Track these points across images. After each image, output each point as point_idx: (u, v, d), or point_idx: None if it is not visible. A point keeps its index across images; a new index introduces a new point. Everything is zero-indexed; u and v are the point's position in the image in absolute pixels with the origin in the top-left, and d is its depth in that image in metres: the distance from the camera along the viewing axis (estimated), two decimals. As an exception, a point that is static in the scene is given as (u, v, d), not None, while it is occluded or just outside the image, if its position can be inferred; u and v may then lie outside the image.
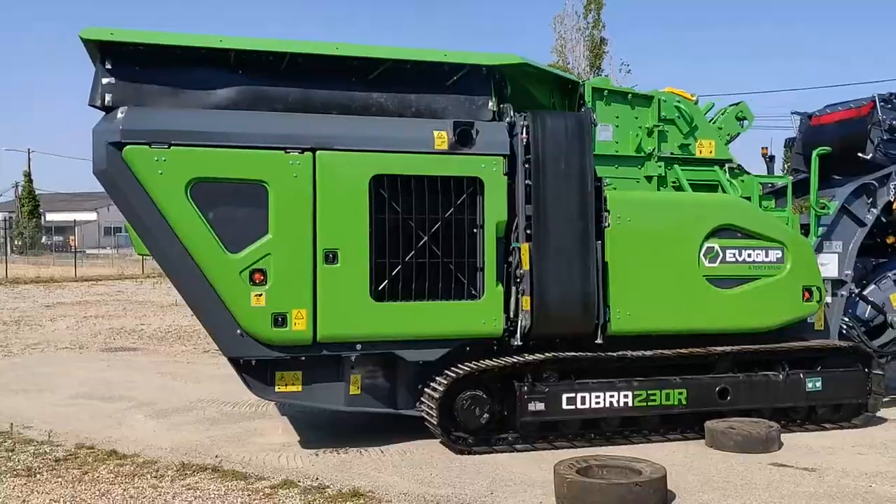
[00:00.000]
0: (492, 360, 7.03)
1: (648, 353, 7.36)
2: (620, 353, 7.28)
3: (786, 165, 10.51)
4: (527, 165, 7.10)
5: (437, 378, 7.01)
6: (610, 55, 29.84)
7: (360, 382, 7.10)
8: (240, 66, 6.84)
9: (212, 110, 6.74)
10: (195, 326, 16.22)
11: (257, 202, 6.62)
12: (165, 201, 6.46)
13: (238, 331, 6.65)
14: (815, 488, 5.96)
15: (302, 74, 6.96)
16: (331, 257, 6.73)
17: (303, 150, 6.70)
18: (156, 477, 6.31)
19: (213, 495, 5.87)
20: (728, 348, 7.55)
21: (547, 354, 7.06)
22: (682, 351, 7.45)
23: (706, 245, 7.58)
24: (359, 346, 6.88)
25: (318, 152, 6.72)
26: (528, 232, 7.08)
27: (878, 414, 8.01)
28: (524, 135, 7.13)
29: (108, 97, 6.54)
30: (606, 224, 7.29)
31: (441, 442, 7.09)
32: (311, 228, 6.70)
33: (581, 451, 6.75)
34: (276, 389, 6.92)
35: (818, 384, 7.74)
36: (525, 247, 7.04)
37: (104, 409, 8.89)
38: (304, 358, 6.84)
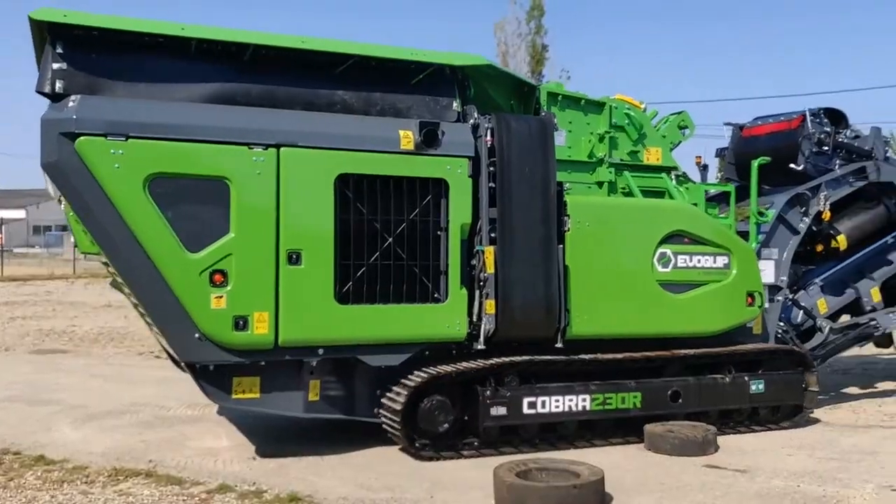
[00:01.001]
0: (459, 363, 6.94)
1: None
2: (592, 356, 7.35)
3: (718, 174, 10.85)
4: (491, 168, 7.05)
5: (398, 383, 6.86)
6: (551, 61, 30.28)
7: (318, 388, 6.88)
8: (201, 56, 6.53)
9: (172, 102, 6.39)
10: (129, 328, 15.61)
11: (219, 199, 6.31)
12: (121, 197, 6.07)
13: (196, 334, 6.31)
14: (746, 489, 6.10)
15: (266, 68, 6.71)
16: (294, 258, 6.49)
17: (267, 147, 6.43)
18: (86, 483, 6.04)
19: (146, 501, 5.66)
20: (692, 352, 7.76)
21: (518, 358, 7.04)
22: (664, 354, 7.65)
23: (659, 251, 7.73)
24: (321, 351, 6.66)
25: (282, 149, 6.47)
26: (493, 235, 7.03)
27: (811, 415, 8.35)
28: (489, 137, 7.07)
29: (58, 84, 6.10)
30: (567, 228, 7.32)
31: (401, 448, 6.95)
32: (274, 228, 6.44)
33: (542, 455, 6.76)
34: (234, 396, 6.61)
35: (761, 386, 8.01)
36: (489, 250, 6.99)
37: (32, 413, 8.41)
38: (263, 363, 6.57)
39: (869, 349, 11.13)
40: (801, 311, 9.22)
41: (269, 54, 6.69)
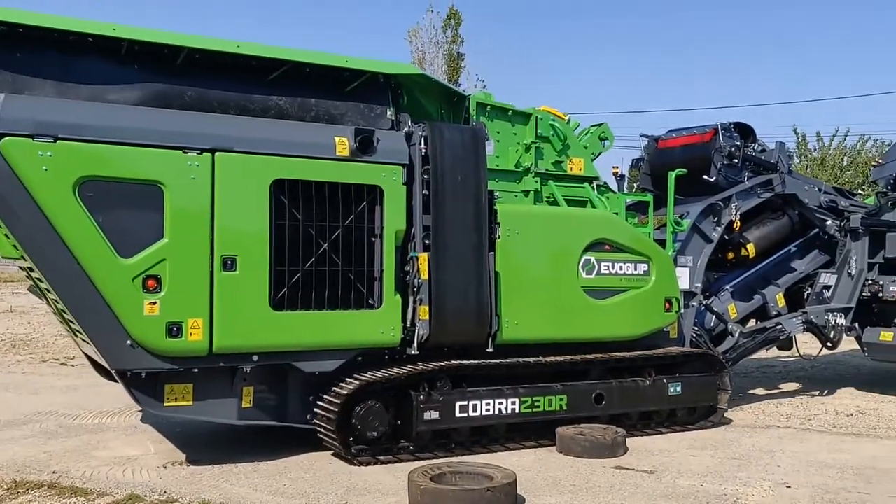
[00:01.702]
0: (392, 369, 7.00)
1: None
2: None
3: (634, 185, 11.26)
4: (425, 176, 7.15)
5: (332, 389, 6.88)
6: (467, 70, 30.54)
7: (252, 395, 6.82)
8: (134, 58, 6.41)
9: (104, 103, 6.25)
10: (32, 334, 14.93)
11: (152, 204, 6.20)
12: (49, 201, 5.89)
13: (128, 341, 6.17)
14: (653, 489, 6.28)
15: (199, 71, 6.64)
16: (229, 264, 6.43)
17: (201, 151, 6.36)
18: (-18, 497, 5.81)
19: (48, 515, 5.46)
20: (622, 354, 8.06)
21: (452, 362, 7.16)
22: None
23: (584, 258, 7.98)
24: (255, 357, 6.61)
25: (217, 153, 6.41)
26: (426, 242, 7.13)
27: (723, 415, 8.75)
28: (422, 145, 7.18)
29: None
30: (497, 236, 7.48)
31: (334, 454, 6.97)
32: (208, 233, 6.36)
33: (474, 458, 6.90)
34: (166, 404, 6.49)
35: (678, 388, 8.35)
36: (423, 256, 7.09)
37: (-75, 425, 8.03)
38: (196, 370, 6.48)
39: (771, 352, 11.72)
40: (714, 316, 9.66)
41: (202, 58, 6.62)
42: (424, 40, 30.67)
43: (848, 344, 11.60)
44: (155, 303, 6.19)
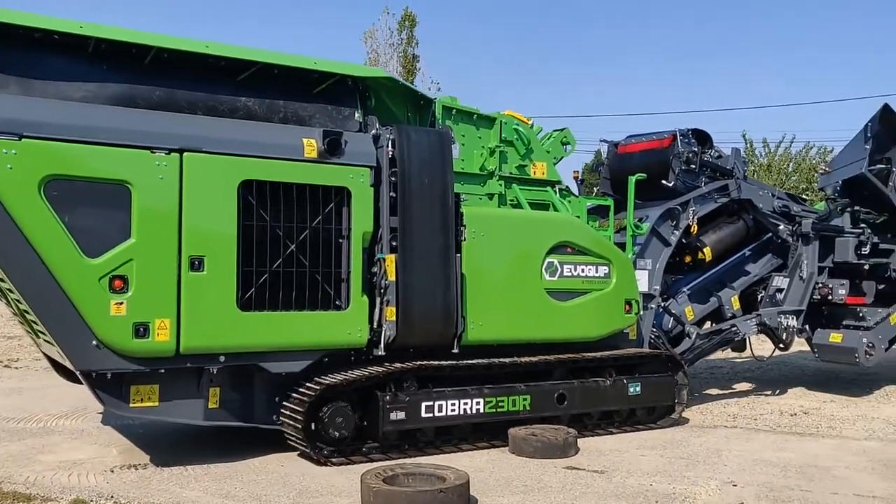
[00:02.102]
0: (362, 369, 7.04)
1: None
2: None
3: (595, 189, 11.45)
4: (393, 178, 7.21)
5: (299, 390, 6.90)
6: (422, 72, 30.57)
7: (218, 396, 6.81)
8: (100, 56, 6.37)
9: (70, 102, 6.20)
10: None
11: (119, 204, 6.17)
12: (14, 199, 5.83)
13: (94, 342, 6.13)
14: (603, 488, 6.34)
15: (168, 71, 6.62)
16: (196, 264, 6.42)
17: (170, 151, 6.34)
18: (-84, 506, 5.66)
19: (-12, 522, 5.39)
20: (588, 355, 8.24)
21: (420, 363, 7.23)
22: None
23: (547, 260, 8.12)
24: (223, 358, 6.60)
25: (185, 154, 6.40)
26: (394, 243, 7.19)
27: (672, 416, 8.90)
28: (389, 148, 7.24)
29: None
30: (463, 238, 7.57)
31: (300, 454, 7.00)
32: (176, 234, 6.35)
33: (408, 460, 6.84)
34: (132, 405, 6.46)
35: (638, 388, 8.53)
36: (391, 258, 7.15)
37: None
38: (163, 371, 6.45)
39: (718, 354, 12.00)
40: (672, 318, 9.88)
41: (171, 58, 6.60)
42: (380, 41, 30.66)
43: (797, 345, 11.91)
44: (122, 303, 6.15)
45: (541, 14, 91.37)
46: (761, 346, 11.58)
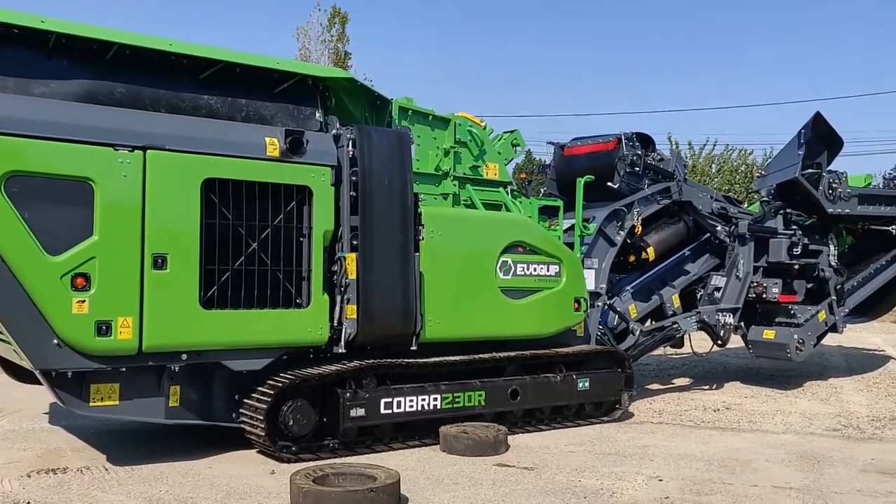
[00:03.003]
0: (319, 367, 7.12)
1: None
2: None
3: (541, 190, 11.70)
4: (353, 177, 7.30)
5: (259, 387, 6.94)
6: (354, 69, 30.52)
7: (179, 394, 6.80)
8: (62, 52, 6.30)
9: (31, 97, 6.12)
10: None
11: (82, 201, 6.12)
12: (-27, 195, 5.74)
13: (55, 340, 6.07)
14: (533, 485, 6.38)
15: (130, 68, 6.58)
16: (159, 262, 6.41)
17: (133, 149, 6.32)
18: None
19: None
20: (550, 352, 8.53)
21: (381, 361, 7.34)
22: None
23: (501, 259, 8.32)
24: (185, 356, 6.60)
25: (149, 151, 6.38)
26: (354, 242, 7.28)
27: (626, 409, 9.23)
28: (350, 147, 7.33)
29: None
30: (421, 237, 7.71)
31: (259, 451, 7.04)
32: (139, 231, 6.33)
33: (338, 460, 6.76)
34: (92, 404, 6.40)
35: (586, 384, 8.80)
36: (351, 256, 7.24)
37: None
38: (123, 369, 6.42)
39: (663, 350, 12.38)
40: (617, 316, 10.20)
41: (133, 54, 6.57)
42: (312, 38, 30.58)
43: (731, 342, 12.35)
44: (84, 301, 6.11)
45: (472, 15, 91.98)
46: (702, 344, 11.96)
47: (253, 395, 6.96)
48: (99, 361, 6.26)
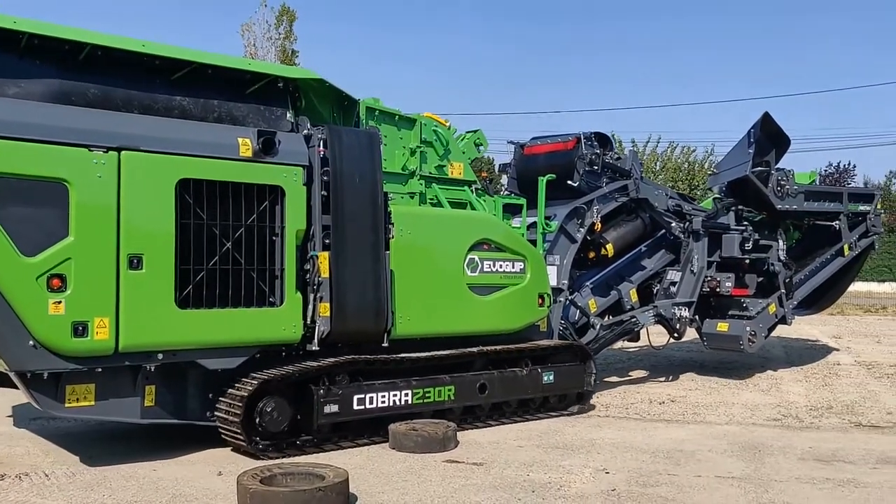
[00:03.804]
0: (295, 364, 7.20)
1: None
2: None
3: (503, 189, 11.91)
4: (325, 177, 7.40)
5: (236, 386, 7.00)
6: (301, 67, 30.42)
7: (154, 394, 6.82)
8: (34, 52, 6.28)
9: (5, 98, 6.09)
10: None
11: (57, 202, 6.12)
12: (-53, 197, 5.71)
13: (31, 342, 6.05)
14: (482, 480, 6.41)
15: (102, 69, 6.59)
16: (135, 263, 6.43)
17: (108, 150, 6.33)
18: None
19: None
20: (518, 346, 8.75)
21: (357, 357, 7.46)
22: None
23: (469, 256, 8.49)
24: (160, 356, 6.63)
25: (123, 152, 6.40)
26: (326, 241, 7.37)
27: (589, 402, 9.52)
28: (321, 148, 7.42)
29: None
30: (391, 236, 7.84)
31: (233, 449, 7.09)
32: (114, 232, 6.34)
33: (286, 460, 6.75)
34: (67, 405, 6.39)
35: (551, 377, 9.03)
36: (324, 255, 7.33)
37: None
38: (100, 370, 6.43)
39: (621, 344, 12.71)
40: (578, 311, 10.45)
41: (105, 55, 6.58)
42: (257, 35, 30.42)
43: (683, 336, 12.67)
44: (60, 302, 6.11)
45: (422, 14, 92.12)
46: (656, 339, 12.31)
47: (229, 392, 7.02)
48: (75, 362, 6.25)
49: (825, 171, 47.13)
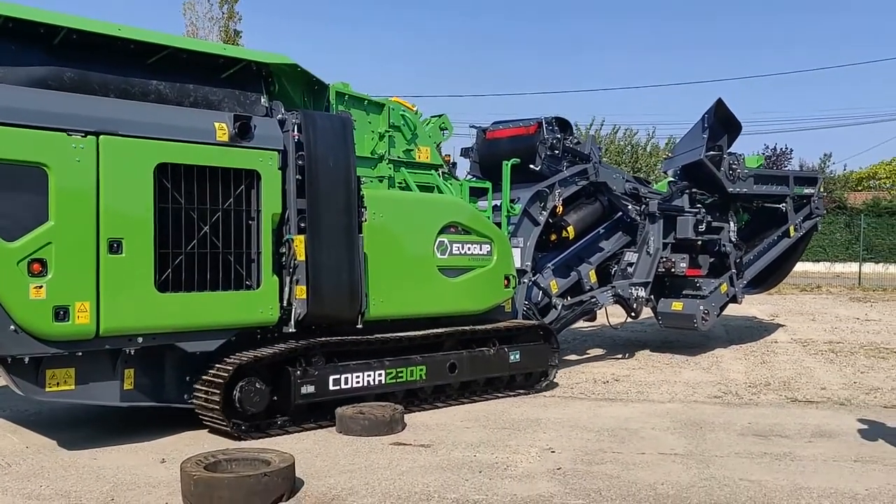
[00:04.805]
0: (273, 346, 7.31)
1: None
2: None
3: (466, 173, 12.08)
4: (300, 162, 7.49)
5: (214, 368, 7.08)
6: (244, 47, 30.05)
7: (133, 377, 6.87)
8: (9, 36, 6.24)
9: None
10: None
11: (37, 186, 6.11)
12: (-75, 182, 5.67)
13: (12, 327, 6.06)
14: (429, 462, 6.44)
15: (78, 53, 6.57)
16: (115, 247, 6.46)
17: (86, 134, 6.33)
18: None
19: None
20: (487, 327, 8.99)
21: (335, 338, 7.62)
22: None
23: (438, 239, 8.67)
24: (140, 339, 6.68)
25: (101, 137, 6.40)
26: (302, 224, 7.47)
27: (553, 379, 9.75)
28: (295, 132, 7.51)
29: None
30: (364, 219, 7.97)
31: (211, 431, 7.19)
32: (94, 216, 6.36)
33: (232, 446, 6.68)
34: (48, 389, 6.41)
35: (517, 356, 9.29)
36: (299, 238, 7.43)
37: None
38: (80, 354, 6.46)
39: (581, 324, 13.03)
40: (540, 292, 10.72)
41: (81, 39, 6.55)
42: (199, 14, 29.95)
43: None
44: (41, 286, 6.12)
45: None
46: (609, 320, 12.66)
47: (208, 374, 7.10)
48: (57, 346, 6.27)
49: (762, 154, 48.39)
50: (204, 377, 7.11)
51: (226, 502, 5.17)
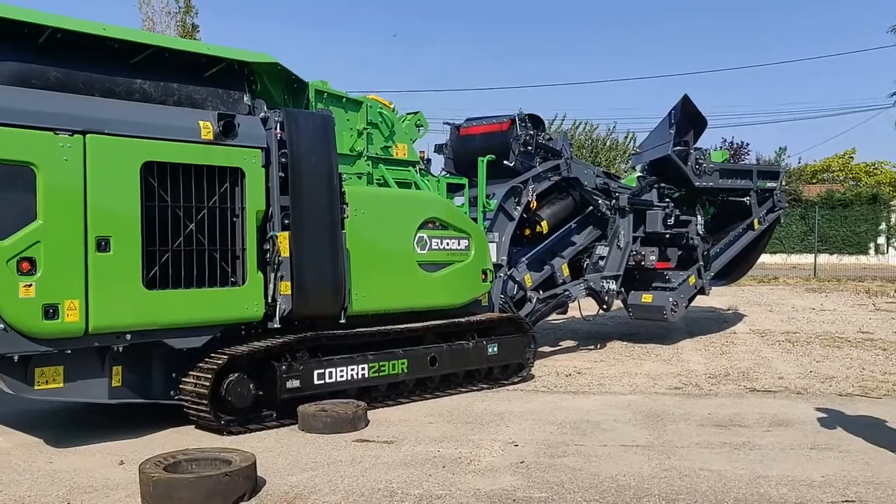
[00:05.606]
0: (259, 342, 7.39)
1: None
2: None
3: (440, 169, 12.22)
4: (283, 159, 7.57)
5: (201, 363, 7.14)
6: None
7: (121, 374, 6.92)
8: None
9: None
10: None
11: (25, 185, 6.12)
12: (-86, 182, 5.66)
13: (1, 325, 6.08)
14: (392, 458, 6.42)
15: (62, 52, 6.58)
16: (103, 245, 6.49)
17: (73, 133, 6.36)
18: None
19: None
20: (467, 320, 9.13)
21: (319, 333, 7.70)
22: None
23: (418, 235, 8.81)
24: (129, 336, 6.72)
25: (88, 135, 6.43)
26: (285, 221, 7.56)
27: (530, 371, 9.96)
28: (278, 130, 7.59)
29: None
30: (346, 216, 8.08)
31: (198, 427, 7.24)
32: (82, 215, 6.39)
33: (192, 446, 6.46)
34: (37, 387, 6.43)
35: (495, 349, 9.47)
36: (283, 235, 7.52)
37: None
38: (69, 351, 6.49)
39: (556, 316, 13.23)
40: (516, 285, 10.92)
41: (66, 38, 6.57)
42: (156, 9, 29.64)
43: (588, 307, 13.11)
44: (30, 285, 6.14)
45: None
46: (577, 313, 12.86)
47: (196, 370, 7.16)
48: (46, 344, 6.30)
49: (721, 148, 49.33)
50: (190, 373, 7.17)
51: (186, 503, 5.12)
